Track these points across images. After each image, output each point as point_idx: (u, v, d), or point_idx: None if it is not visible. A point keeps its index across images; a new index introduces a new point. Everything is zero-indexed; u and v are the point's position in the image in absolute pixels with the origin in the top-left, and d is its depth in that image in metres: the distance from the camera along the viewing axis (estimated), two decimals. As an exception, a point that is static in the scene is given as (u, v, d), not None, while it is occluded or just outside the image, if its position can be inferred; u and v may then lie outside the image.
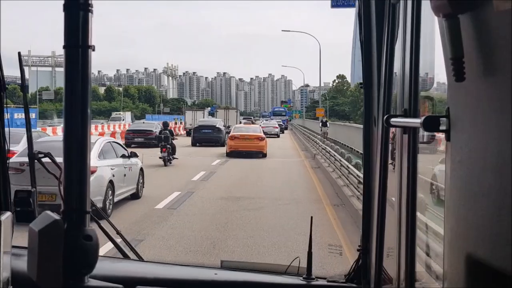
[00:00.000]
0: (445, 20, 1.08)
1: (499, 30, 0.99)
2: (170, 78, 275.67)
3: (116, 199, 12.25)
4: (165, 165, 21.35)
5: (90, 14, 1.24)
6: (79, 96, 1.24)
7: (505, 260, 0.96)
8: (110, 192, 11.79)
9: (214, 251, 8.77)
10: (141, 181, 14.24)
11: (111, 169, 12.22)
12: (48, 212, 1.28)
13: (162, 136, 21.91)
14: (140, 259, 2.81)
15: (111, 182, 11.89)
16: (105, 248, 3.61)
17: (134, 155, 13.97)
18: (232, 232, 10.16)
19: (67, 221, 1.23)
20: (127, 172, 13.21)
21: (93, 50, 1.25)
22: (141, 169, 14.35)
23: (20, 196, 2.21)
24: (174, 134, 23.89)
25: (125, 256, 2.79)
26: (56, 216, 1.24)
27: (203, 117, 50.86)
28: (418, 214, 1.71)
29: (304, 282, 2.43)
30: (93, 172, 10.84)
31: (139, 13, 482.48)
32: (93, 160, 11.32)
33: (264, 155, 27.71)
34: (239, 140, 28.03)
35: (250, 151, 27.44)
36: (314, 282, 2.43)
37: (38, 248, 1.21)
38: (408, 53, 1.69)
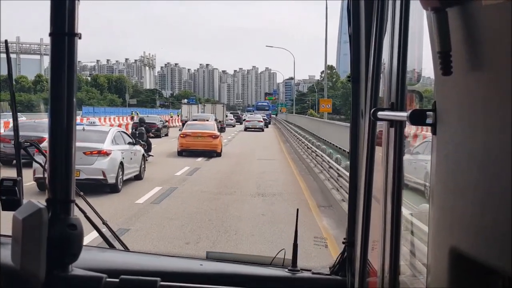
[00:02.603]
0: (433, 14, 1.08)
1: (487, 24, 0.99)
2: (147, 68, 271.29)
3: (124, 178, 15.28)
4: None
5: (77, 2, 1.23)
6: (64, 85, 1.22)
7: (489, 253, 0.96)
8: (120, 171, 14.89)
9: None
10: (143, 165, 17.40)
11: (121, 152, 15.20)
12: (33, 200, 1.27)
13: (137, 132, 21.79)
14: (126, 249, 2.80)
15: (121, 163, 14.98)
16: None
17: (138, 143, 17.47)
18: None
19: (52, 210, 1.22)
20: (132, 156, 16.29)
21: (80, 38, 1.23)
22: (143, 155, 17.52)
23: (6, 185, 2.19)
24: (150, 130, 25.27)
25: (111, 246, 2.78)
26: (40, 205, 1.23)
27: (197, 112, 57.08)
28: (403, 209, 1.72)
29: (289, 274, 2.44)
30: (108, 154, 14.37)
31: (123, 5, 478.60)
32: (108, 144, 14.67)
33: (218, 154, 25.31)
34: (190, 138, 25.37)
35: (203, 150, 24.88)
36: (299, 274, 2.44)
37: (22, 237, 1.20)
38: (396, 47, 1.69)
